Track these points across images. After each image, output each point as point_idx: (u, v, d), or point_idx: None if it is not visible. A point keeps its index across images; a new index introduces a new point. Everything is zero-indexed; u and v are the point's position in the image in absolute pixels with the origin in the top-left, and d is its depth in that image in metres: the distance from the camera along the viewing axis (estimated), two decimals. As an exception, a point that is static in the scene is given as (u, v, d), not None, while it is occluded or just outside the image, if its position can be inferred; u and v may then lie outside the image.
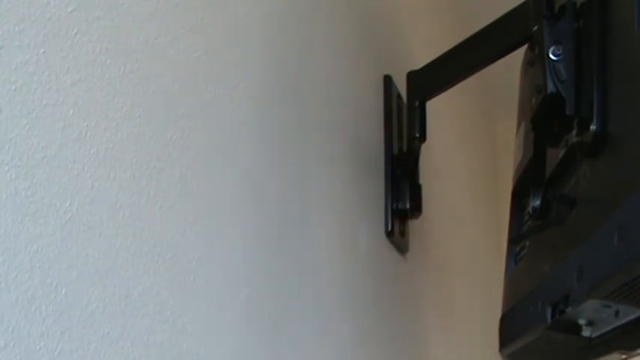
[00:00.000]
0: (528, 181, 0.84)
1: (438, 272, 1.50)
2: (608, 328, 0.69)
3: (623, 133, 0.59)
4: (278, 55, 0.79)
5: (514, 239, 0.82)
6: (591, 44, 0.66)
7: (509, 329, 0.88)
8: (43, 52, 0.45)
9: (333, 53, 0.96)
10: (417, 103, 1.08)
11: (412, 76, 1.11)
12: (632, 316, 0.64)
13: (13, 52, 0.43)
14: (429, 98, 1.09)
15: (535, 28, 0.74)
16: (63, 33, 0.47)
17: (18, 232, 0.42)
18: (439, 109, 1.56)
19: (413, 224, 1.25)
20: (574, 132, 0.67)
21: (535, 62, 0.79)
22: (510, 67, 1.09)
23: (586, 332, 0.72)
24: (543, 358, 0.88)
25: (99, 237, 0.48)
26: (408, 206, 1.13)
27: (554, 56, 0.70)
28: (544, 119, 0.76)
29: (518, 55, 0.93)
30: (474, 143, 2.17)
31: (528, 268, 0.84)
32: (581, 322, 0.71)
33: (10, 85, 0.42)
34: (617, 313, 0.65)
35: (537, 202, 0.79)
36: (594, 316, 0.68)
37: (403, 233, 1.17)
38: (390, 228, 1.11)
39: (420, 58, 1.14)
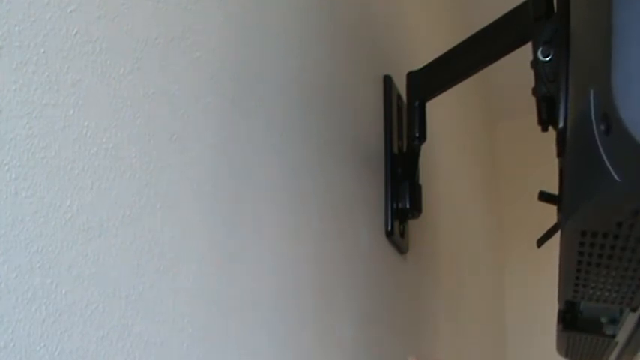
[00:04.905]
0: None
1: (438, 272, 1.49)
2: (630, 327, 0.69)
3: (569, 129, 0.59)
4: (278, 54, 0.79)
5: (538, 241, 0.81)
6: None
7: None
8: (43, 52, 0.45)
9: (333, 53, 0.96)
10: (417, 103, 1.08)
11: (412, 76, 1.11)
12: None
13: (13, 52, 0.43)
14: (429, 98, 1.09)
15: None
16: (63, 33, 0.47)
17: (18, 232, 0.42)
18: (439, 109, 1.56)
19: (413, 224, 1.25)
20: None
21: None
22: (510, 67, 1.09)
23: (609, 330, 0.72)
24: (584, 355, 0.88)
25: (99, 237, 0.48)
26: (408, 206, 1.13)
27: (543, 57, 0.69)
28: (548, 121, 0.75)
29: (518, 55, 0.93)
30: (474, 143, 2.16)
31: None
32: (603, 320, 0.71)
33: (10, 85, 0.42)
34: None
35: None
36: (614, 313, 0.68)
37: (403, 233, 1.17)
38: (390, 228, 1.12)
39: (420, 58, 1.14)
